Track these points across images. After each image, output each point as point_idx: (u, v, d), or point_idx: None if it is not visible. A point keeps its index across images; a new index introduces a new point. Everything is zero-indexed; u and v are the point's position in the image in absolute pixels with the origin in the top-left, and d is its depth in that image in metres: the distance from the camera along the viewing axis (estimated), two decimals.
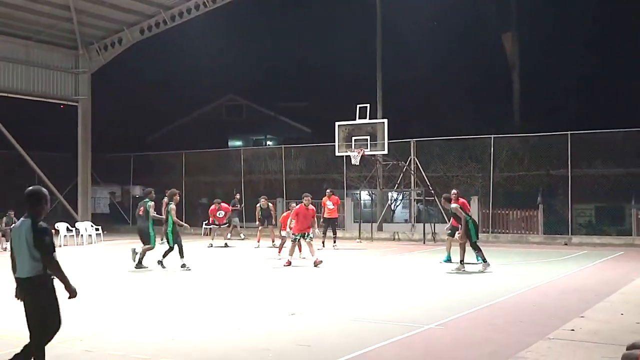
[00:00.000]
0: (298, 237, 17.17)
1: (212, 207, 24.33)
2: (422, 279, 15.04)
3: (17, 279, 6.67)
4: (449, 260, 17.21)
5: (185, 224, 18.41)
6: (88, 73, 30.52)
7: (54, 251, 6.52)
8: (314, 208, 17.90)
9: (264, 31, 44.80)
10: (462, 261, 15.72)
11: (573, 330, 9.16)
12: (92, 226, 26.35)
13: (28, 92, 28.78)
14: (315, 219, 17.98)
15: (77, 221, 27.20)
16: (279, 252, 19.23)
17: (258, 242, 23.12)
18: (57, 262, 6.51)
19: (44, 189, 7.04)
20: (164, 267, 16.41)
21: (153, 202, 16.97)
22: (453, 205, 16.27)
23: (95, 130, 31.08)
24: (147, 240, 16.74)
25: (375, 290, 13.19)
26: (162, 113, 43.21)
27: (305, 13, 43.06)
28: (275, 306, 11.30)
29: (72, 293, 6.65)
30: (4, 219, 23.32)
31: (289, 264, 16.93)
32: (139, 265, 16.58)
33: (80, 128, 30.54)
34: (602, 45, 35.52)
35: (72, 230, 25.28)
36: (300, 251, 18.39)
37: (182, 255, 16.42)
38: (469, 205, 17.48)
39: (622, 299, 11.90)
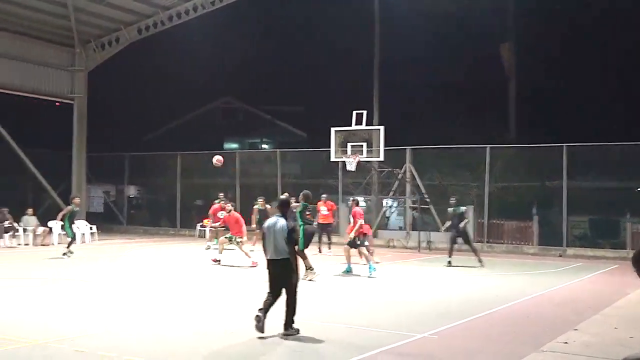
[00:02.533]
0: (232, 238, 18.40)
1: (215, 206, 23.24)
2: (416, 287, 15.00)
3: (271, 260, 9.38)
4: (349, 271, 16.77)
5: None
6: (84, 71, 30.40)
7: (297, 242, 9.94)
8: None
9: (261, 34, 44.75)
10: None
11: (567, 342, 9.14)
12: (86, 225, 26.24)
13: (24, 89, 28.63)
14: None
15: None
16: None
17: (254, 245, 22.76)
18: (294, 250, 9.70)
19: (289, 198, 10.84)
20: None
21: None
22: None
23: (90, 129, 30.96)
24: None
25: (370, 297, 13.13)
26: (158, 113, 43.12)
27: (304, 17, 43.06)
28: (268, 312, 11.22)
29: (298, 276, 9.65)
30: None
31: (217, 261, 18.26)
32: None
33: (75, 126, 30.40)
34: (600, 57, 35.63)
35: None
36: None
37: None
38: (362, 215, 17.16)
39: (615, 312, 11.90)
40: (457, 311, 11.53)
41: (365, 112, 24.65)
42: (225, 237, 18.71)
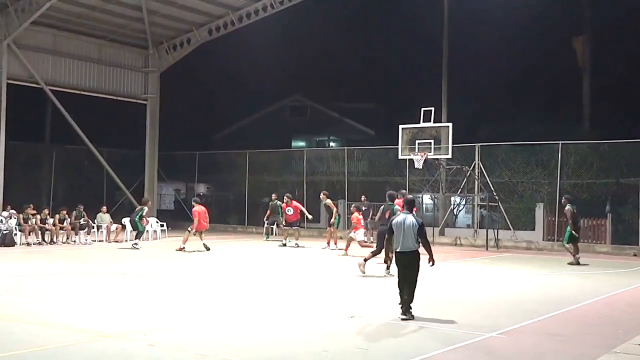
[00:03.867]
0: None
1: (282, 204, 24.25)
2: (484, 285, 14.83)
3: (400, 252, 10.43)
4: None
5: None
6: (157, 72, 31.21)
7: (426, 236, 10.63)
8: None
9: (331, 32, 44.89)
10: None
11: None
12: (157, 222, 26.91)
13: (99, 90, 29.61)
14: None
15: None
16: (346, 250, 20.23)
17: (328, 244, 22.93)
18: (428, 242, 10.69)
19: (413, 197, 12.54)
20: None
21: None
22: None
23: (162, 128, 31.74)
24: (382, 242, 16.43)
25: (437, 295, 13.03)
26: (227, 112, 43.80)
27: (373, 14, 42.99)
28: (335, 308, 11.33)
29: (434, 261, 10.64)
30: (74, 212, 24.04)
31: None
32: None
33: (148, 126, 31.25)
34: None
35: None
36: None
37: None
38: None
39: None
40: (526, 310, 11.35)
41: (433, 109, 24.47)
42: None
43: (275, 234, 27.62)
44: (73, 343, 8.52)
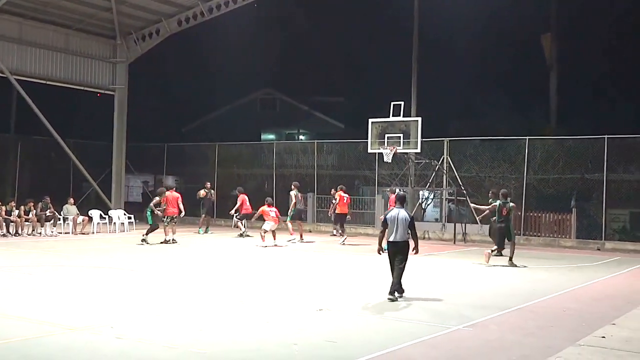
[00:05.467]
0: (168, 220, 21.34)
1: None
2: (451, 279, 14.96)
3: (394, 241, 11.70)
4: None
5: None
6: (125, 63, 30.86)
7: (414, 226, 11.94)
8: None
9: (301, 25, 44.81)
10: None
11: (604, 337, 9.05)
12: (124, 214, 26.67)
13: (65, 80, 29.20)
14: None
15: (110, 209, 27.54)
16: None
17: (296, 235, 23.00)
18: (416, 233, 12.11)
19: (405, 194, 13.97)
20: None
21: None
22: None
23: (130, 119, 31.42)
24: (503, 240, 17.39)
25: (405, 289, 13.11)
26: (197, 104, 43.52)
27: (344, 8, 42.95)
28: (303, 301, 11.35)
29: (417, 251, 12.07)
30: (40, 204, 23.70)
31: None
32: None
33: (116, 117, 30.91)
34: None
35: (105, 218, 25.63)
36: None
37: None
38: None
39: None
40: (493, 304, 11.49)
41: (402, 104, 24.59)
42: None
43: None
44: (39, 336, 8.42)
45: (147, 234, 21.10)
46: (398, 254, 11.77)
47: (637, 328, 9.78)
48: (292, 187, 23.93)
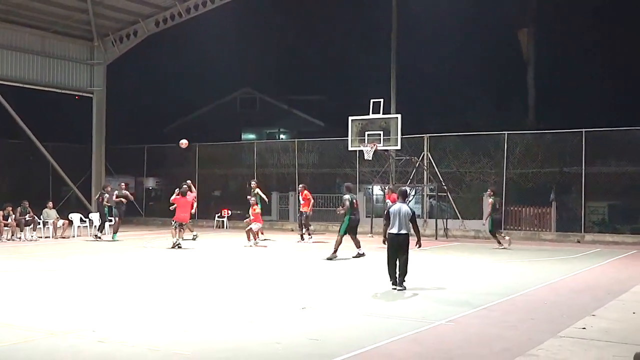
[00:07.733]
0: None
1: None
2: (432, 275, 15.03)
3: (396, 234, 12.35)
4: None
5: None
6: (103, 64, 30.65)
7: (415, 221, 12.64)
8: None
9: (279, 24, 44.74)
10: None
11: (584, 328, 9.15)
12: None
13: (43, 83, 28.93)
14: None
15: (90, 212, 27.34)
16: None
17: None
18: (418, 227, 12.94)
19: (407, 189, 14.09)
20: None
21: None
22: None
23: (109, 121, 31.21)
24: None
25: (387, 285, 13.16)
26: (176, 105, 43.31)
27: (323, 7, 42.93)
28: (287, 300, 11.36)
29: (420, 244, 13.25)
30: (19, 208, 23.44)
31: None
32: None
33: (94, 119, 30.68)
34: (619, 41, 35.23)
35: (85, 221, 25.44)
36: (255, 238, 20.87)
37: None
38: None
39: (634, 297, 11.87)
40: (474, 298, 11.56)
41: (382, 101, 24.66)
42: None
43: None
44: (20, 341, 8.35)
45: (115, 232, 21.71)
46: (399, 247, 12.38)
47: (617, 319, 9.90)
48: (254, 184, 23.30)
